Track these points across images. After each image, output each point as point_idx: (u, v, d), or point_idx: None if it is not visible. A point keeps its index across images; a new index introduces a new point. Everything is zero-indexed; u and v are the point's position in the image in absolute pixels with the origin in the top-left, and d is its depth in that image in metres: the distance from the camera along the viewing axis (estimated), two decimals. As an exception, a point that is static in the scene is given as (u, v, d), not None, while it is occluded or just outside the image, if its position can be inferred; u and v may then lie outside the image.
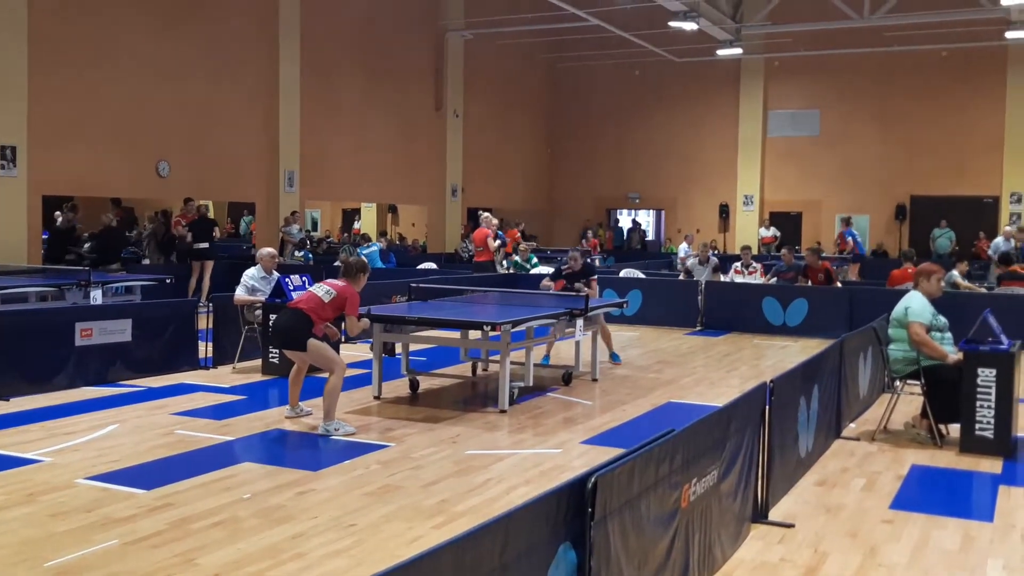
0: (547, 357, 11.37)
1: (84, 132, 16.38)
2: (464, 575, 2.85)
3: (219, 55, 18.83)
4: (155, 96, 17.54)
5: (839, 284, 15.98)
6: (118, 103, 16.91)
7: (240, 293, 10.52)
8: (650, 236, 31.85)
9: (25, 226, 15.13)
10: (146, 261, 18.53)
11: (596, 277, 11.79)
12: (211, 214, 30.22)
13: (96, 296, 12.03)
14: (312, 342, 7.69)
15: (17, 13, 14.80)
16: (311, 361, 7.91)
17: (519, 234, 21.37)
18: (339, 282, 7.88)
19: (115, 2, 16.89)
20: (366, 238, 22.25)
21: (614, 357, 11.61)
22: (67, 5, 16.02)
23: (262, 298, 10.41)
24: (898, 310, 7.81)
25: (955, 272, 14.68)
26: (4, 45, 14.64)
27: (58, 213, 17.70)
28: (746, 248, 18.05)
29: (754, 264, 17.07)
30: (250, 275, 10.60)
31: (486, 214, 18.39)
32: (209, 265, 16.30)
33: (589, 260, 12.15)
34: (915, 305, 7.69)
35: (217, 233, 16.84)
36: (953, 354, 7.56)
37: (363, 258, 8.54)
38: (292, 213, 20.08)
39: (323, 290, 7.80)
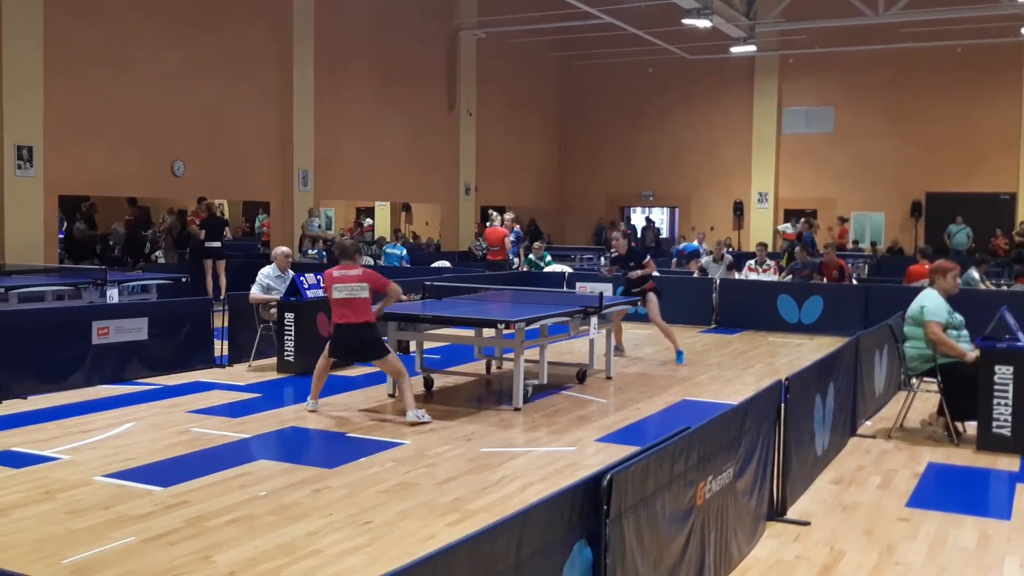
0: (618, 346, 11.48)
1: (99, 132, 16.46)
2: (479, 572, 2.85)
3: (233, 55, 18.89)
4: (170, 96, 17.61)
5: (854, 281, 15.91)
6: (133, 103, 16.99)
7: (255, 292, 10.56)
8: (664, 234, 31.80)
9: (42, 225, 15.22)
10: (161, 260, 18.64)
11: (648, 258, 11.59)
12: (226, 213, 30.43)
13: (112, 295, 12.09)
14: (390, 350, 8.24)
15: (33, 15, 14.87)
16: (387, 368, 8.24)
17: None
18: (353, 271, 8.10)
19: (130, 4, 16.96)
20: (398, 236, 22.28)
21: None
22: (82, 7, 16.10)
23: (277, 296, 10.44)
24: (914, 308, 7.76)
25: (974, 271, 14.59)
26: (20, 46, 14.71)
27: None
28: (761, 245, 17.99)
29: (768, 262, 17.02)
30: (265, 273, 10.64)
31: (494, 212, 18.40)
32: (221, 264, 16.37)
33: (634, 244, 12.04)
34: (930, 304, 7.65)
35: (228, 233, 16.93)
36: (970, 351, 7.52)
37: (355, 241, 8.86)
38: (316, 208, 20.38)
39: (361, 288, 8.02)
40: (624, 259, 11.47)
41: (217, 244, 16.37)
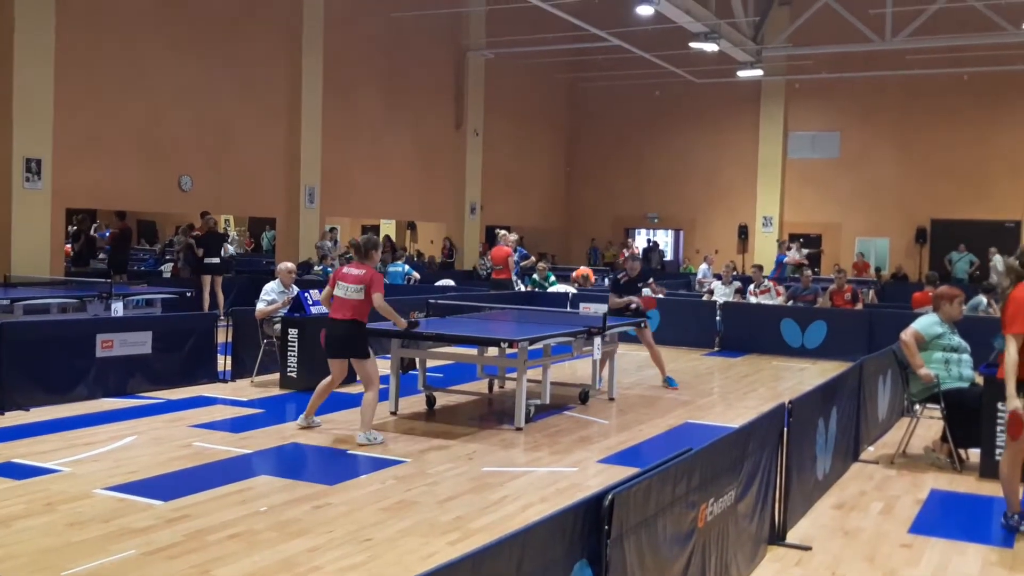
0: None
1: (108, 146, 16.55)
2: (480, 590, 2.84)
3: (242, 72, 19.00)
4: (178, 112, 17.71)
5: (861, 306, 15.89)
6: (142, 118, 17.08)
7: (261, 307, 10.58)
8: (668, 256, 31.84)
9: (48, 238, 15.27)
10: (166, 274, 18.67)
11: (652, 280, 12.14)
12: (231, 228, 30.57)
13: (117, 308, 12.12)
14: (371, 353, 7.99)
15: (44, 30, 14.98)
16: (361, 371, 7.99)
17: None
18: (357, 271, 7.96)
19: (140, 20, 17.08)
20: (396, 254, 22.30)
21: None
22: (93, 23, 16.22)
23: (284, 299, 10.49)
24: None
25: (982, 296, 14.60)
26: (31, 60, 14.81)
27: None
28: (757, 267, 18.02)
29: (766, 282, 17.01)
30: (270, 288, 10.67)
31: (504, 232, 18.41)
32: (219, 280, 16.34)
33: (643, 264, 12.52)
34: (923, 319, 7.80)
35: (225, 250, 16.89)
36: (968, 378, 7.55)
37: (372, 236, 8.68)
38: (330, 229, 20.54)
39: (354, 289, 7.88)
40: (633, 281, 11.39)
41: (216, 260, 16.31)
